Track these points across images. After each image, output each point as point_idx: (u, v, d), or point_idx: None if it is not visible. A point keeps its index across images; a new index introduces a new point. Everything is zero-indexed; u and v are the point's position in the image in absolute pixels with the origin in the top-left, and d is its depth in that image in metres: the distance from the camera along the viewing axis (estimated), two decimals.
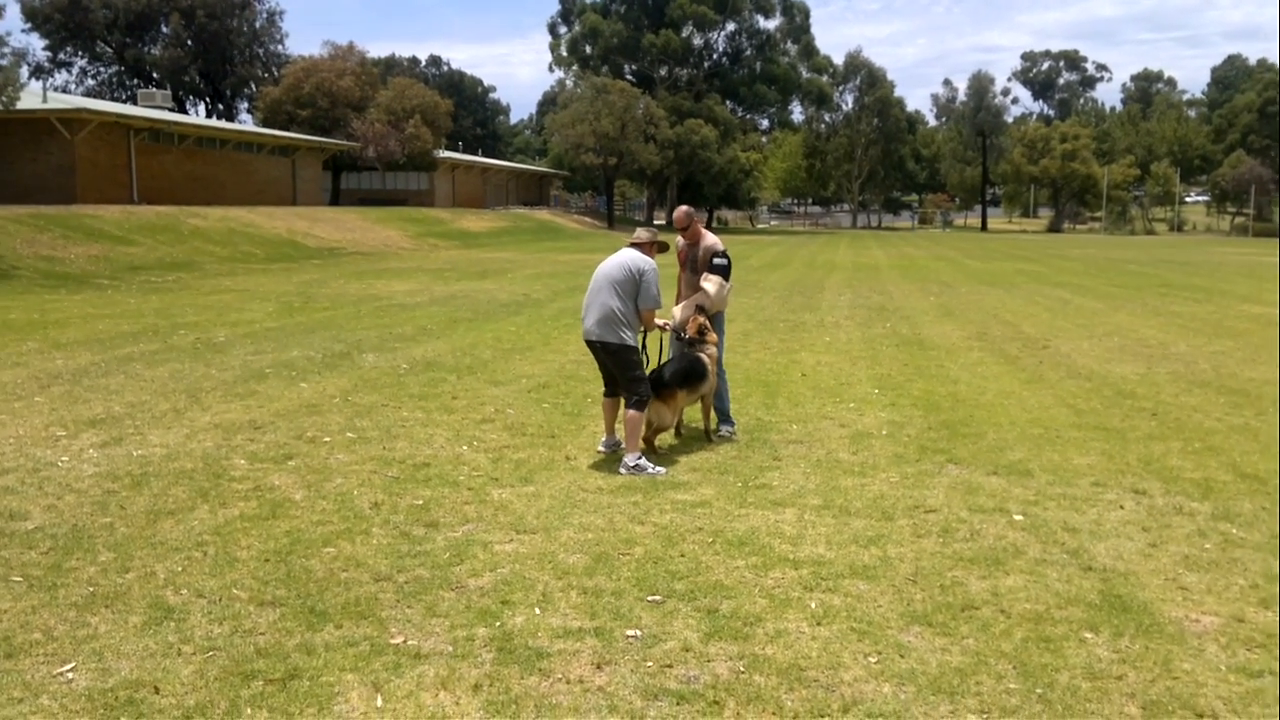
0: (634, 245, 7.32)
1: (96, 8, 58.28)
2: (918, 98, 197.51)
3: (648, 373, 7.33)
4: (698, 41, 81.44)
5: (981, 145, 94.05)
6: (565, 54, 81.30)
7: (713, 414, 8.04)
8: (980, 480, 6.83)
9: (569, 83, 78.35)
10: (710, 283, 8.03)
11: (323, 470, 6.85)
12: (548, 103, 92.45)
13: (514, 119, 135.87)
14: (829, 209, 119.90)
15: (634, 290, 7.05)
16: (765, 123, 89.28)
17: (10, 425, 8.04)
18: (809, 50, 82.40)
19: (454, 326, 15.03)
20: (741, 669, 4.00)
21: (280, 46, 66.55)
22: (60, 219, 27.89)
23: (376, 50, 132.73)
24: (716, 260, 8.06)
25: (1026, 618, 4.53)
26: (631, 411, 7.01)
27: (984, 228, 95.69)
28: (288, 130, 49.61)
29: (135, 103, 49.87)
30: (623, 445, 7.20)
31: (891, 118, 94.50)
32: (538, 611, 4.52)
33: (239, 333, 13.89)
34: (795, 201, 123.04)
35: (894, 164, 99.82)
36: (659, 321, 7.39)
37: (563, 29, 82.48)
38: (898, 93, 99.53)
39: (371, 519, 5.80)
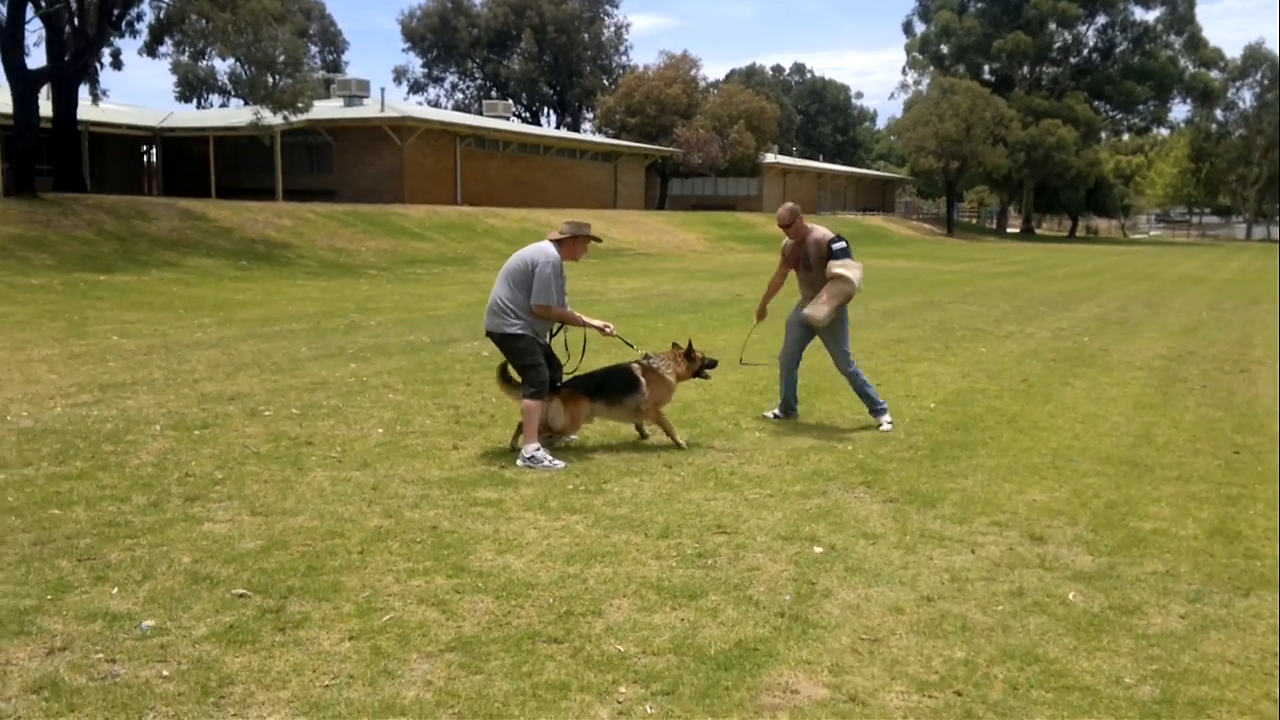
0: (552, 239, 6.98)
1: (463, 27, 64.30)
2: None
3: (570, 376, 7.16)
4: (1067, 37, 75.55)
5: None
6: (918, 55, 78.54)
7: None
8: (850, 505, 5.73)
9: (920, 85, 75.68)
10: (846, 267, 7.70)
11: (189, 438, 6.99)
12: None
13: (880, 124, 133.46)
14: (1229, 219, 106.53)
15: (526, 282, 6.71)
16: (1138, 123, 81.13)
17: (46, 383, 8.94)
18: (1195, 42, 73.80)
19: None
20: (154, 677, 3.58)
21: (624, 58, 69.77)
22: (369, 216, 30.90)
23: (743, 60, 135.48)
24: (837, 246, 7.81)
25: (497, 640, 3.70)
26: (527, 401, 6.75)
27: None
28: (619, 138, 51.85)
29: (482, 113, 54.21)
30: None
31: None
32: (115, 591, 4.33)
33: (396, 319, 14.62)
34: (1188, 211, 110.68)
35: None
36: (597, 323, 7.07)
37: (919, 28, 79.73)
38: None
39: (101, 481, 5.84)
